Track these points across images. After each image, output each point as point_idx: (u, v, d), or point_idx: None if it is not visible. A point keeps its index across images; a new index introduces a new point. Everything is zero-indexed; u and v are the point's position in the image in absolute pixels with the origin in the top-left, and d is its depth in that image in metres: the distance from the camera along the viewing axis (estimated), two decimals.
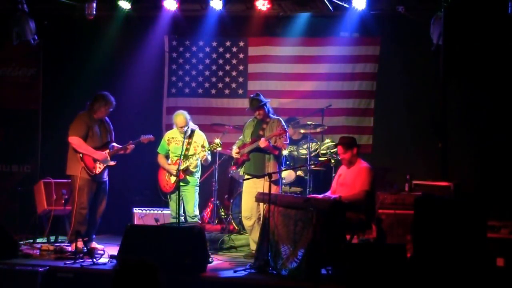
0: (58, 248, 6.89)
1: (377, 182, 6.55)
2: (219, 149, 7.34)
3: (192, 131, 7.31)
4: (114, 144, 7.34)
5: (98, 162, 7.12)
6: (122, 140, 7.39)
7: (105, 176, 7.30)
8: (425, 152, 8.30)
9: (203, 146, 7.20)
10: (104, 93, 7.26)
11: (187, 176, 7.20)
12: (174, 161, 7.25)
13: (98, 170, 7.13)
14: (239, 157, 7.19)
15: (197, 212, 7.32)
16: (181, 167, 7.04)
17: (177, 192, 7.00)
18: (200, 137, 7.36)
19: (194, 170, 7.27)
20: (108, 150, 7.21)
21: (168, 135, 7.45)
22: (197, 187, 7.33)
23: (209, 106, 9.34)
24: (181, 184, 7.10)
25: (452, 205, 5.49)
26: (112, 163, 7.26)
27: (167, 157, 7.39)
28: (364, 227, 6.51)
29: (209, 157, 7.40)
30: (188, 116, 7.25)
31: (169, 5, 8.47)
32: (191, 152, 7.22)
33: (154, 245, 5.96)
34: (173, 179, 7.21)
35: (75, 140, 7.08)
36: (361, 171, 6.39)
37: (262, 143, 6.84)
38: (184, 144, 7.17)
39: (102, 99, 7.20)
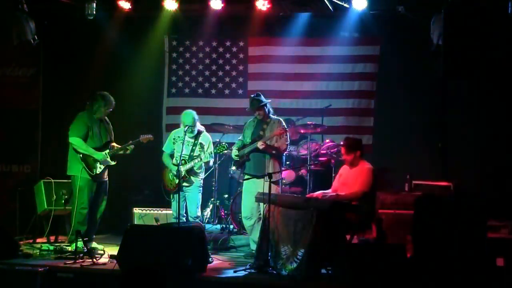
0: (58, 248, 6.90)
1: (377, 182, 6.54)
2: (226, 151, 7.34)
3: (199, 132, 7.31)
4: (114, 144, 7.34)
5: (98, 162, 7.13)
6: (122, 140, 7.38)
7: (105, 176, 7.30)
8: (425, 152, 8.29)
9: (202, 148, 7.21)
10: (104, 93, 7.27)
11: (191, 177, 7.20)
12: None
13: (98, 170, 7.14)
14: (238, 160, 7.19)
15: (199, 213, 7.32)
16: (186, 167, 7.05)
17: (180, 192, 6.99)
18: (206, 139, 7.35)
19: (198, 170, 7.26)
20: (108, 150, 7.22)
21: (174, 133, 7.43)
22: (201, 188, 7.32)
23: (209, 106, 9.33)
24: (185, 184, 7.12)
25: (452, 205, 5.49)
26: (112, 163, 7.26)
27: (172, 156, 7.39)
28: (364, 227, 6.51)
29: (211, 162, 7.40)
30: (196, 117, 7.25)
31: (169, 5, 8.47)
32: (196, 152, 7.21)
33: (154, 245, 5.95)
34: None
35: (75, 141, 7.08)
36: (362, 172, 6.39)
37: (260, 145, 6.85)
38: (190, 145, 7.17)
39: (101, 99, 7.20)
